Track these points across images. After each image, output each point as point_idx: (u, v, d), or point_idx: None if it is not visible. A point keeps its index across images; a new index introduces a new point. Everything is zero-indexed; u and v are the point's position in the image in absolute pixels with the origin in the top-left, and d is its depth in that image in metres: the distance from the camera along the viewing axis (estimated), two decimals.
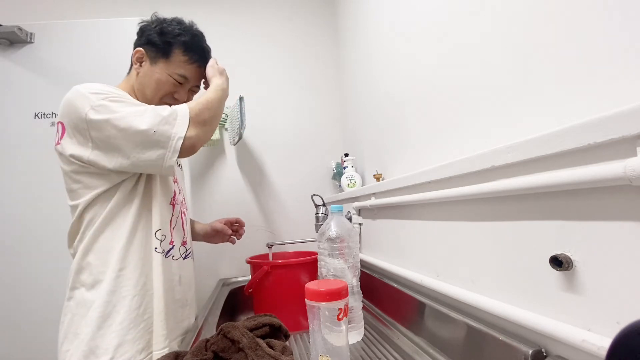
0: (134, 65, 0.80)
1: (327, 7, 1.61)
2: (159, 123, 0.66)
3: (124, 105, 0.68)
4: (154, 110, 0.68)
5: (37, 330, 1.09)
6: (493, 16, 0.52)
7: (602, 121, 0.31)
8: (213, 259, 1.34)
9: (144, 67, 0.79)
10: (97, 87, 0.69)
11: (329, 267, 0.68)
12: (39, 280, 1.12)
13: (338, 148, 1.53)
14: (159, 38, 0.78)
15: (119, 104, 0.67)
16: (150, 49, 0.79)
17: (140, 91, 0.80)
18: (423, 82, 0.75)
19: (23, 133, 1.16)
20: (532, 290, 0.42)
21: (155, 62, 0.79)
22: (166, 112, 0.68)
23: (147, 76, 0.79)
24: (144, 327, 0.68)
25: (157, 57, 0.79)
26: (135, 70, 0.80)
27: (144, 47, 0.79)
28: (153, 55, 0.79)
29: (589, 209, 0.35)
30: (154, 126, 0.66)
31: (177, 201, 0.82)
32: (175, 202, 0.81)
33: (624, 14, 0.34)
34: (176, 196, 0.82)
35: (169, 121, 0.67)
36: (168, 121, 0.67)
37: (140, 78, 0.79)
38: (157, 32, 0.78)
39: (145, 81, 0.79)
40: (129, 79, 0.82)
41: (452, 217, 0.59)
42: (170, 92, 0.80)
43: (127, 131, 0.65)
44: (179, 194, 0.85)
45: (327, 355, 0.50)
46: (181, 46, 0.79)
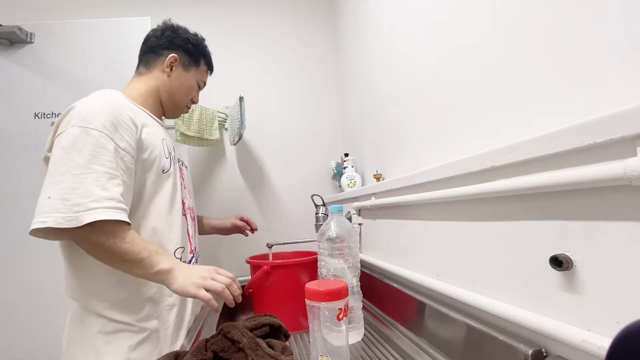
0: (164, 68, 0.82)
1: (327, 7, 1.61)
2: (61, 198, 0.58)
3: (77, 157, 0.60)
4: (76, 189, 0.58)
5: (38, 331, 1.09)
6: (493, 16, 0.52)
7: (602, 121, 0.31)
8: (213, 259, 1.34)
9: (175, 72, 0.84)
10: (90, 115, 0.64)
11: (329, 267, 0.68)
12: (39, 281, 1.12)
13: (338, 148, 1.53)
14: (193, 49, 0.86)
15: (76, 155, 0.60)
16: (184, 57, 0.85)
17: (170, 94, 0.84)
18: (423, 82, 0.75)
19: (23, 133, 1.16)
20: (532, 290, 0.42)
21: (188, 69, 0.86)
22: (78, 200, 0.58)
23: (178, 81, 0.84)
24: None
25: (190, 65, 0.86)
26: (165, 73, 0.83)
27: (176, 53, 0.83)
28: (187, 63, 0.85)
29: (589, 209, 0.35)
30: (54, 194, 0.58)
31: (186, 210, 0.81)
32: (186, 212, 0.81)
33: (624, 14, 0.34)
34: (185, 205, 0.81)
35: (68, 205, 0.58)
36: (68, 204, 0.58)
37: (172, 82, 0.83)
38: (192, 44, 0.86)
39: (176, 85, 0.84)
40: (149, 79, 0.82)
41: (452, 217, 0.59)
42: (193, 96, 0.90)
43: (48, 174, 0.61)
44: (190, 199, 0.86)
45: (327, 355, 0.50)
46: (205, 58, 0.90)
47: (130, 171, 0.67)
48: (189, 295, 0.62)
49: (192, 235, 0.83)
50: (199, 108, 1.28)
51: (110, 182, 0.62)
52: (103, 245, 0.60)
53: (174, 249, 0.74)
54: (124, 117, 0.68)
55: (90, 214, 0.58)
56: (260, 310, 0.84)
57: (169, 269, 0.63)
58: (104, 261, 0.63)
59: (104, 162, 0.62)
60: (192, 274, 0.64)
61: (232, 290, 0.64)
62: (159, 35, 0.84)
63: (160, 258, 0.64)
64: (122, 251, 0.61)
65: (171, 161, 0.78)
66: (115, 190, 0.62)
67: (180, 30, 0.86)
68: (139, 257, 0.62)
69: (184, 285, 0.62)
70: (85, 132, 0.62)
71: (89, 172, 0.60)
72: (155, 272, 0.63)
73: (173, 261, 0.66)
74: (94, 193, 0.59)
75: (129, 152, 0.67)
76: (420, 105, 0.77)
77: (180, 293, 0.63)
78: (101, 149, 0.62)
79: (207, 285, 0.62)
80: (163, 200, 0.74)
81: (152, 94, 0.82)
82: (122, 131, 0.66)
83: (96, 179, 0.60)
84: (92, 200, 0.59)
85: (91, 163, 0.61)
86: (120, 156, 0.65)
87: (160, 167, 0.74)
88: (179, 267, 0.65)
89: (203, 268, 0.66)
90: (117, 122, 0.66)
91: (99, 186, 0.60)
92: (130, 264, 0.62)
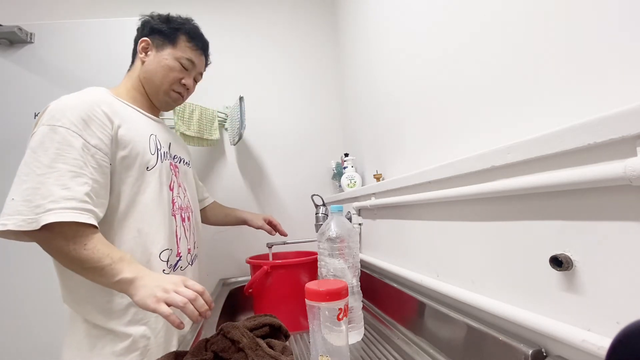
0: (139, 55, 0.80)
1: (327, 7, 1.61)
2: (24, 199, 0.56)
3: (45, 158, 0.59)
4: (39, 189, 0.57)
5: (37, 332, 1.09)
6: (493, 17, 0.52)
7: (602, 121, 0.31)
8: (213, 259, 1.34)
9: (149, 56, 0.79)
10: (59, 112, 0.62)
11: (329, 267, 0.68)
12: (39, 281, 1.12)
13: (338, 148, 1.53)
14: (165, 25, 0.80)
15: (44, 156, 0.59)
16: (157, 37, 0.80)
17: (147, 79, 0.79)
18: (423, 82, 0.75)
19: (23, 133, 1.16)
20: (532, 290, 0.42)
21: (162, 49, 0.80)
22: (39, 202, 0.56)
23: (154, 63, 0.79)
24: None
25: (164, 44, 0.80)
26: (140, 60, 0.80)
27: (149, 36, 0.80)
28: (160, 43, 0.80)
29: (589, 209, 0.35)
30: (17, 196, 0.57)
31: (176, 210, 0.78)
32: (175, 213, 0.77)
33: (624, 13, 0.34)
34: (175, 205, 0.78)
35: (30, 206, 0.56)
36: (30, 205, 0.56)
37: (147, 66, 0.79)
38: (163, 21, 0.81)
39: (152, 68, 0.79)
40: (132, 72, 0.81)
41: (452, 217, 0.59)
42: (178, 78, 0.81)
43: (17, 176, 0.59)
44: (183, 199, 0.82)
45: (327, 355, 0.50)
46: (186, 33, 0.81)
47: (103, 169, 0.64)
48: (149, 309, 0.57)
49: (182, 236, 0.77)
50: (199, 108, 1.28)
51: (74, 180, 0.58)
52: (62, 251, 0.57)
53: (160, 250, 0.71)
54: (96, 113, 0.65)
55: (48, 215, 0.55)
56: (261, 310, 0.84)
57: (132, 278, 0.58)
58: (67, 267, 0.60)
59: (68, 159, 0.59)
60: (155, 286, 0.58)
61: (197, 306, 0.57)
62: (138, 28, 0.83)
63: (124, 266, 0.59)
64: (82, 258, 0.57)
65: (158, 158, 0.74)
66: (78, 190, 0.58)
67: (157, 15, 0.83)
68: (99, 265, 0.57)
69: (145, 297, 0.57)
70: (52, 130, 0.60)
71: (52, 172, 0.58)
72: (117, 281, 0.58)
73: (138, 270, 0.60)
74: (53, 193, 0.56)
75: (101, 148, 0.64)
76: (420, 105, 0.77)
77: (141, 306, 0.57)
78: (67, 146, 0.60)
79: (169, 299, 0.56)
80: (147, 199, 0.70)
81: (136, 87, 0.79)
82: (93, 127, 0.63)
83: (58, 178, 0.57)
84: (50, 201, 0.56)
85: (55, 162, 0.58)
86: (90, 153, 0.62)
87: (144, 164, 0.71)
88: (143, 277, 0.59)
89: (169, 279, 0.60)
90: (87, 118, 0.63)
91: (59, 185, 0.57)
92: (91, 271, 0.58)
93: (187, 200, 0.84)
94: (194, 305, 0.57)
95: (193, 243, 0.83)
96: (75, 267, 0.59)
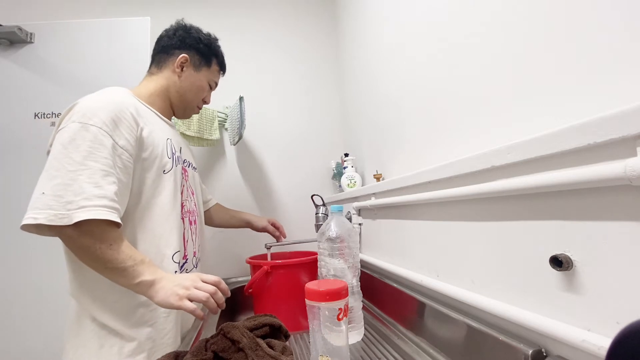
0: (175, 69, 0.83)
1: (327, 7, 1.61)
2: (55, 194, 0.57)
3: (76, 154, 0.60)
4: (70, 185, 0.58)
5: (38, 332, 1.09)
6: (493, 16, 0.52)
7: (602, 121, 0.31)
8: (213, 259, 1.34)
9: (185, 72, 0.84)
10: (91, 111, 0.64)
11: (329, 267, 0.68)
12: (39, 281, 1.12)
13: (338, 148, 1.53)
14: (205, 49, 0.86)
15: (76, 152, 0.60)
16: (195, 56, 0.85)
17: (180, 94, 0.84)
18: (423, 82, 0.75)
19: (23, 133, 1.16)
20: (532, 290, 0.42)
21: (199, 69, 0.86)
22: (71, 198, 0.57)
23: (189, 81, 0.84)
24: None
25: (201, 65, 0.86)
26: (174, 73, 0.83)
27: (187, 53, 0.83)
28: (197, 63, 0.85)
29: (589, 209, 0.35)
30: (48, 190, 0.58)
31: (185, 214, 0.80)
32: (184, 216, 0.79)
33: (624, 13, 0.34)
34: (184, 209, 0.79)
35: (61, 202, 0.57)
36: (61, 201, 0.57)
37: (182, 82, 0.83)
38: (204, 43, 0.86)
39: (186, 85, 0.84)
40: (158, 78, 0.83)
41: (452, 217, 0.59)
42: (204, 97, 0.90)
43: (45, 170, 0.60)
44: (191, 202, 0.84)
45: (327, 355, 0.50)
46: (217, 58, 0.90)
47: (127, 169, 0.66)
48: (173, 307, 0.60)
49: (189, 239, 0.80)
50: None
51: (105, 179, 0.60)
52: (89, 249, 0.58)
53: (173, 252, 0.72)
54: (125, 115, 0.67)
55: (81, 212, 0.57)
56: (260, 310, 0.84)
57: (152, 280, 0.61)
58: (89, 265, 0.61)
59: (99, 158, 0.61)
60: (174, 285, 0.61)
61: (216, 299, 0.62)
62: (171, 35, 0.85)
63: (145, 269, 0.61)
64: (107, 258, 0.59)
65: (174, 162, 0.77)
66: (108, 189, 0.60)
67: (193, 29, 0.86)
68: (122, 266, 0.59)
69: (167, 297, 0.60)
70: (84, 128, 0.61)
71: (84, 169, 0.59)
72: (137, 283, 0.60)
73: (157, 273, 0.62)
74: (86, 190, 0.58)
75: (128, 149, 0.66)
76: (420, 105, 0.77)
77: (164, 305, 0.60)
78: (98, 145, 0.61)
79: (191, 295, 0.60)
80: (163, 201, 0.72)
81: (161, 94, 0.82)
82: (122, 128, 0.65)
83: (90, 176, 0.59)
84: (83, 198, 0.57)
85: (87, 159, 0.60)
86: (117, 154, 0.64)
87: (161, 167, 0.73)
88: (162, 279, 0.62)
89: (186, 277, 0.63)
90: (117, 119, 0.65)
91: (92, 183, 0.59)
92: (113, 272, 0.60)
93: (194, 204, 0.86)
94: (214, 299, 0.61)
95: (198, 246, 0.85)
96: (98, 265, 0.60)
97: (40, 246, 1.13)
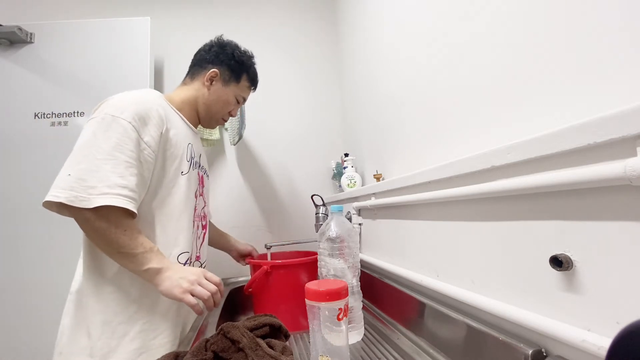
0: (204, 81, 0.86)
1: (328, 7, 1.61)
2: (79, 178, 0.60)
3: (104, 142, 0.63)
4: (96, 172, 0.61)
5: (38, 332, 1.09)
6: (493, 16, 0.52)
7: (602, 121, 0.31)
8: (213, 259, 1.34)
9: (214, 86, 0.87)
10: (123, 106, 0.68)
11: (329, 267, 0.68)
12: (39, 281, 1.12)
13: (338, 148, 1.53)
14: (236, 65, 0.88)
15: (103, 140, 0.63)
16: (225, 71, 0.87)
17: (207, 106, 0.87)
18: (423, 82, 0.75)
19: (23, 133, 1.16)
20: (532, 290, 0.42)
21: (228, 84, 0.88)
22: (95, 183, 0.60)
23: (216, 95, 0.87)
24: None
25: (230, 81, 0.88)
26: (204, 86, 0.86)
27: (219, 68, 0.86)
28: (227, 78, 0.88)
29: (589, 209, 0.35)
30: (74, 173, 0.61)
31: (196, 217, 0.82)
32: (196, 219, 0.81)
33: (623, 13, 0.34)
34: (196, 212, 0.81)
35: (84, 185, 0.60)
36: (84, 184, 0.60)
37: (210, 95, 0.87)
38: (236, 60, 0.88)
39: (214, 99, 0.87)
40: (190, 88, 0.87)
41: (452, 217, 0.59)
42: (230, 110, 0.92)
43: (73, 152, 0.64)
44: (203, 207, 0.86)
45: (327, 355, 0.50)
46: (248, 74, 0.92)
47: (148, 165, 0.68)
48: (175, 298, 0.63)
49: (196, 242, 0.81)
50: None
51: (128, 170, 0.64)
52: (104, 232, 0.61)
53: (179, 252, 0.74)
54: (153, 113, 0.70)
55: (102, 198, 0.60)
56: (260, 310, 0.84)
57: (159, 269, 0.64)
58: (101, 248, 0.64)
59: (126, 150, 0.64)
60: (179, 277, 0.64)
61: (215, 299, 0.66)
62: (207, 50, 0.88)
63: (153, 257, 0.64)
64: (120, 242, 0.62)
65: (191, 165, 0.79)
66: (131, 180, 0.63)
67: (228, 46, 0.89)
68: (133, 252, 0.63)
69: (171, 288, 0.63)
70: (115, 120, 0.65)
71: (111, 159, 0.62)
72: (145, 270, 0.63)
73: (164, 262, 0.66)
74: (109, 179, 0.61)
75: (151, 146, 0.69)
76: (420, 105, 0.77)
77: (167, 295, 0.64)
78: (126, 138, 0.65)
79: (194, 290, 0.64)
80: (176, 201, 0.74)
81: (190, 103, 0.85)
82: (149, 125, 0.69)
83: (115, 166, 0.62)
84: (106, 185, 0.61)
85: (114, 150, 0.63)
86: (141, 149, 0.67)
87: (179, 168, 0.75)
88: (169, 269, 0.65)
89: (192, 271, 0.66)
90: (146, 116, 0.69)
91: (116, 173, 0.62)
92: (124, 256, 0.63)
93: (204, 209, 0.88)
94: (213, 298, 0.66)
95: (203, 252, 0.87)
96: (110, 249, 0.63)
97: (39, 246, 1.13)
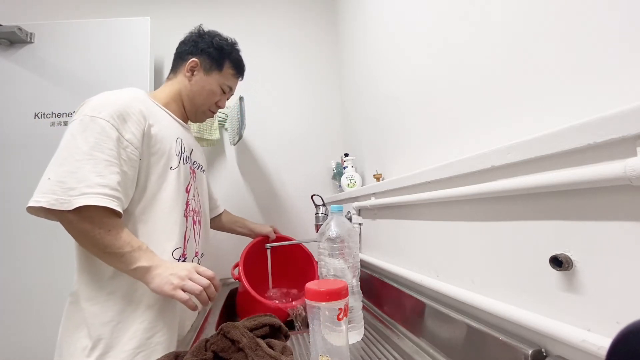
0: (186, 73, 0.84)
1: (328, 6, 1.61)
2: (59, 180, 0.59)
3: (83, 143, 0.62)
4: (75, 173, 0.60)
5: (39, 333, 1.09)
6: (493, 17, 0.52)
7: (602, 121, 0.31)
8: (213, 259, 1.34)
9: (196, 76, 0.85)
10: (101, 106, 0.66)
11: (329, 267, 0.68)
12: (40, 281, 1.12)
13: (338, 148, 1.53)
14: (215, 52, 0.85)
15: (83, 141, 0.62)
16: (205, 60, 0.85)
17: (190, 98, 0.85)
18: (423, 82, 0.75)
19: (23, 133, 1.16)
20: (532, 290, 0.42)
21: (209, 73, 0.86)
22: (74, 185, 0.59)
23: (199, 85, 0.85)
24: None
25: (212, 69, 0.86)
26: (185, 77, 0.85)
27: (198, 57, 0.84)
28: (208, 66, 0.85)
29: (589, 209, 0.35)
30: (53, 176, 0.60)
31: (189, 212, 0.80)
32: (188, 215, 0.80)
33: (623, 13, 0.34)
34: (189, 207, 0.80)
35: (64, 187, 0.59)
36: (64, 187, 0.59)
37: (193, 86, 0.85)
38: (215, 47, 0.85)
39: (196, 89, 0.85)
40: (173, 83, 0.85)
41: (452, 217, 0.59)
42: (217, 101, 0.89)
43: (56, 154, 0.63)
44: (196, 202, 0.85)
45: (327, 355, 0.50)
46: (232, 61, 0.88)
47: (132, 162, 0.67)
48: (166, 295, 0.62)
49: (190, 238, 0.80)
50: None
51: (108, 169, 0.62)
52: (88, 234, 0.60)
53: (173, 248, 0.73)
54: (133, 110, 0.69)
55: (82, 198, 0.59)
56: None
57: (148, 267, 0.63)
58: (89, 250, 0.64)
59: (104, 149, 0.63)
60: (170, 274, 0.63)
61: (208, 293, 0.64)
62: (186, 41, 0.87)
63: (142, 255, 0.63)
64: (105, 242, 0.61)
65: (181, 160, 0.78)
66: (111, 178, 0.62)
67: (207, 34, 0.87)
68: (120, 251, 0.62)
69: (162, 285, 0.62)
70: (93, 120, 0.64)
71: (90, 159, 0.62)
72: (134, 269, 0.62)
73: (154, 259, 0.64)
74: (89, 178, 0.60)
75: (133, 143, 0.68)
76: (420, 105, 0.77)
77: (158, 292, 0.63)
78: (105, 137, 0.64)
79: (185, 286, 0.62)
80: (167, 197, 0.73)
81: (175, 98, 0.84)
82: (129, 123, 0.68)
83: (95, 165, 0.61)
84: (86, 185, 0.60)
85: (93, 150, 0.62)
86: (123, 146, 0.66)
87: (168, 164, 0.74)
88: (159, 266, 0.64)
89: (182, 267, 0.65)
90: (125, 114, 0.68)
91: (95, 173, 0.61)
92: (111, 256, 0.62)
93: (199, 204, 0.87)
94: (207, 292, 0.64)
95: (200, 247, 0.85)
96: (97, 250, 0.62)
97: (39, 246, 1.13)
